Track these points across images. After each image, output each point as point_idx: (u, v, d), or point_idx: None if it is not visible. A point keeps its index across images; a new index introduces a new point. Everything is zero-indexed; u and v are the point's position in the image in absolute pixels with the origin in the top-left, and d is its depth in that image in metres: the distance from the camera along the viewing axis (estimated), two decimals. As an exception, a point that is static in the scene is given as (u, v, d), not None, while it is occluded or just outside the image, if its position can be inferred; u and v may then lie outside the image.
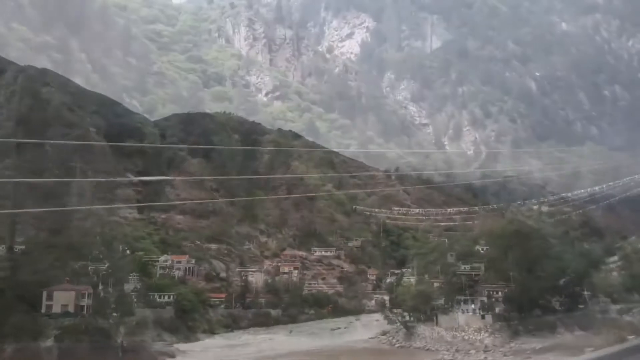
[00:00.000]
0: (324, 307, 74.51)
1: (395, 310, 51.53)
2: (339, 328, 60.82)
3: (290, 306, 73.36)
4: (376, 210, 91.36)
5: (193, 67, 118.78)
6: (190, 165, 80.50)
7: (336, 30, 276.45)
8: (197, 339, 59.89)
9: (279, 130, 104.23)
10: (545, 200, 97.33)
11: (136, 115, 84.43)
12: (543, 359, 29.21)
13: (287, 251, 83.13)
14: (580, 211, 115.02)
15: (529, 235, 44.82)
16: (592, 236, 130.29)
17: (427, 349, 42.38)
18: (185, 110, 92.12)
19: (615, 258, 60.03)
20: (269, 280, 77.06)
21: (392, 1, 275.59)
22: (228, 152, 79.68)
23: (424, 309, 50.68)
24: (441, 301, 46.18)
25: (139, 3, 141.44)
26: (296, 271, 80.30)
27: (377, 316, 56.23)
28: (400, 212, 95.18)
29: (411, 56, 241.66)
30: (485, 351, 37.81)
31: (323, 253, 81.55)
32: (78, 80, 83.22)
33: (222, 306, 70.33)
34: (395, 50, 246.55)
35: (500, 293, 42.69)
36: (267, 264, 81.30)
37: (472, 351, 38.34)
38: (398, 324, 49.79)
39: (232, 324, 68.58)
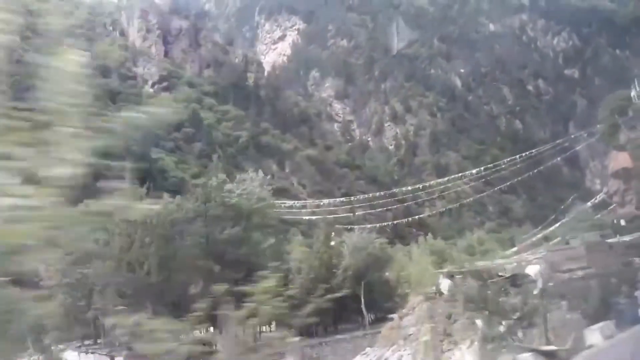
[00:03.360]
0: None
1: None
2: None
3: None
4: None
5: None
6: None
7: (268, 33, 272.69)
8: None
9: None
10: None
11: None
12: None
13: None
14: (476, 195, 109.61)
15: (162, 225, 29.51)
16: (511, 225, 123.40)
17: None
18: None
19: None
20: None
21: (322, 2, 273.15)
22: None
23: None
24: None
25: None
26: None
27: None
28: (285, 205, 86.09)
29: (336, 54, 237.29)
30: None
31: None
32: None
33: None
34: (321, 50, 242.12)
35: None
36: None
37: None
38: None
39: None
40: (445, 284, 27.65)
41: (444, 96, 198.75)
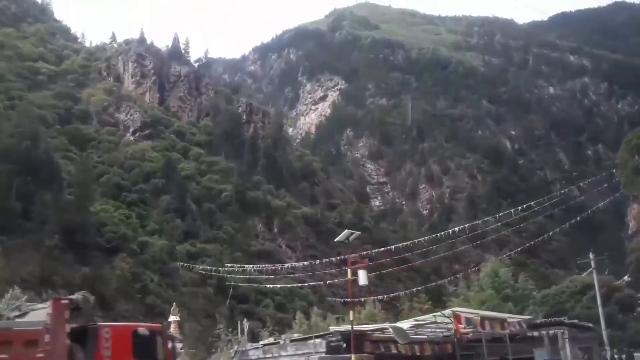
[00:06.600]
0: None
1: None
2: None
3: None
4: (207, 268, 66.34)
5: (55, 104, 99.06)
6: None
7: (309, 94, 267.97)
8: None
9: (112, 168, 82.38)
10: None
11: None
12: None
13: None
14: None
15: None
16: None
17: None
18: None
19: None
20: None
21: (366, 62, 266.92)
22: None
23: None
24: None
25: (21, 39, 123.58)
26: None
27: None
28: (259, 270, 70.22)
29: (372, 113, 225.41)
30: None
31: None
32: None
33: None
34: (358, 108, 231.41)
35: None
36: None
37: None
38: None
39: None
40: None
41: (488, 158, 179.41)
